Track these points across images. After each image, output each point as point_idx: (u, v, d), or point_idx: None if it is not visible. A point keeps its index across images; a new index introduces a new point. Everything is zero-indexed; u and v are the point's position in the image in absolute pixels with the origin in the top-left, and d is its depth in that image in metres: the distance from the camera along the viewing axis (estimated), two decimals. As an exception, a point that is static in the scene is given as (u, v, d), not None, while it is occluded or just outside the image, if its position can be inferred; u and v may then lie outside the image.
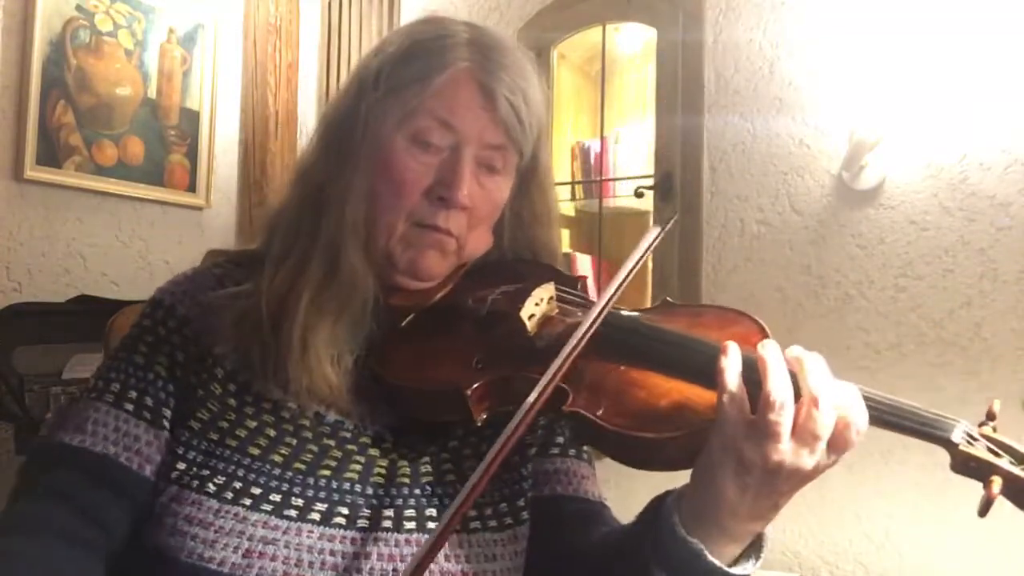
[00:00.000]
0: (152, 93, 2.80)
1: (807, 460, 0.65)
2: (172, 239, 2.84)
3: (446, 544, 0.75)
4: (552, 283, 0.85)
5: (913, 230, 1.87)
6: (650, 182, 2.28)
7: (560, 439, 0.92)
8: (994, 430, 0.68)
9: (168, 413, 0.80)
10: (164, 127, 2.84)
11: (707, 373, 0.67)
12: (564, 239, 2.61)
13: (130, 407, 0.80)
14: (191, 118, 2.91)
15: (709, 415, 0.66)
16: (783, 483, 0.65)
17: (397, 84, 0.83)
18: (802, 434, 0.64)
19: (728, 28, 2.16)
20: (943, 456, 0.66)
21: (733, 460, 0.64)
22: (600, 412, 0.69)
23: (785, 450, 0.63)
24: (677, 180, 2.21)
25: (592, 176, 2.58)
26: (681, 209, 2.21)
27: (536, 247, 0.94)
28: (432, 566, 0.74)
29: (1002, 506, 0.64)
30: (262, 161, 3.06)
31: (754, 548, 0.70)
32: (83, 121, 2.61)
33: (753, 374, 0.64)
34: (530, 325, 0.79)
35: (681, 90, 2.21)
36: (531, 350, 0.77)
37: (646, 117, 2.42)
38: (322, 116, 0.91)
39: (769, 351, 0.65)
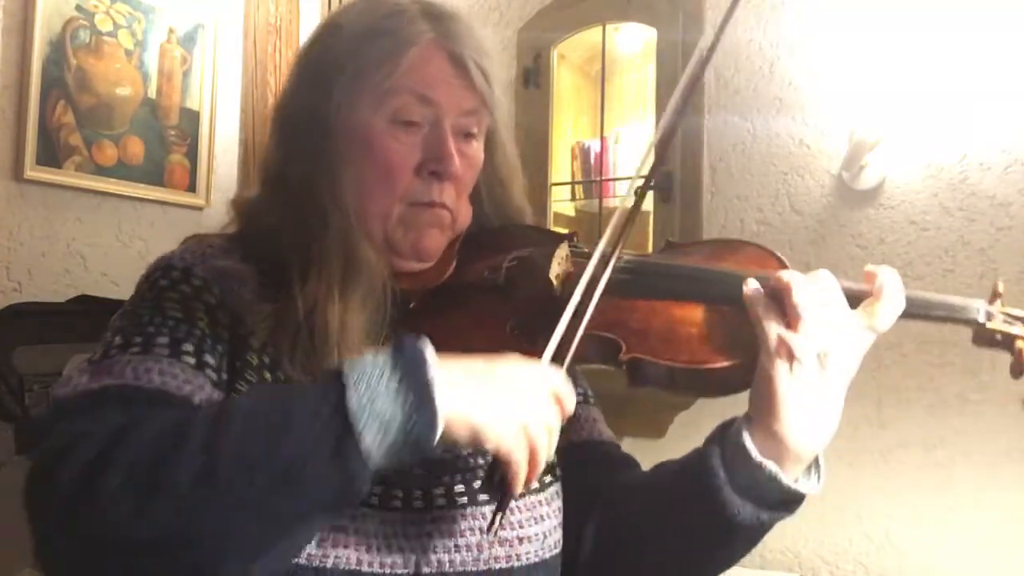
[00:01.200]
0: (152, 93, 2.80)
1: (841, 336, 0.68)
2: (172, 239, 2.80)
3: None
4: (566, 242, 0.87)
5: (913, 230, 1.87)
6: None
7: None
8: (1003, 306, 0.75)
9: (225, 377, 0.74)
10: (164, 127, 2.84)
11: (733, 295, 0.72)
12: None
13: (191, 360, 0.71)
14: (191, 118, 2.91)
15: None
16: (832, 370, 0.68)
17: (365, 67, 0.81)
18: (827, 310, 0.68)
19: (728, 28, 2.16)
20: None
21: (785, 357, 0.67)
22: (660, 352, 0.73)
23: (820, 326, 0.67)
24: (677, 180, 2.21)
25: (592, 176, 2.58)
26: (681, 209, 2.21)
27: (510, 208, 0.95)
28: (491, 537, 0.76)
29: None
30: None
31: (816, 467, 0.74)
32: (83, 121, 2.61)
33: (776, 285, 0.70)
34: (556, 284, 0.82)
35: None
36: (563, 306, 0.77)
37: (646, 117, 2.41)
38: (280, 112, 0.89)
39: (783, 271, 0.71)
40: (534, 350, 0.73)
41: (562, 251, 0.85)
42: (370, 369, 0.60)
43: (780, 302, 0.69)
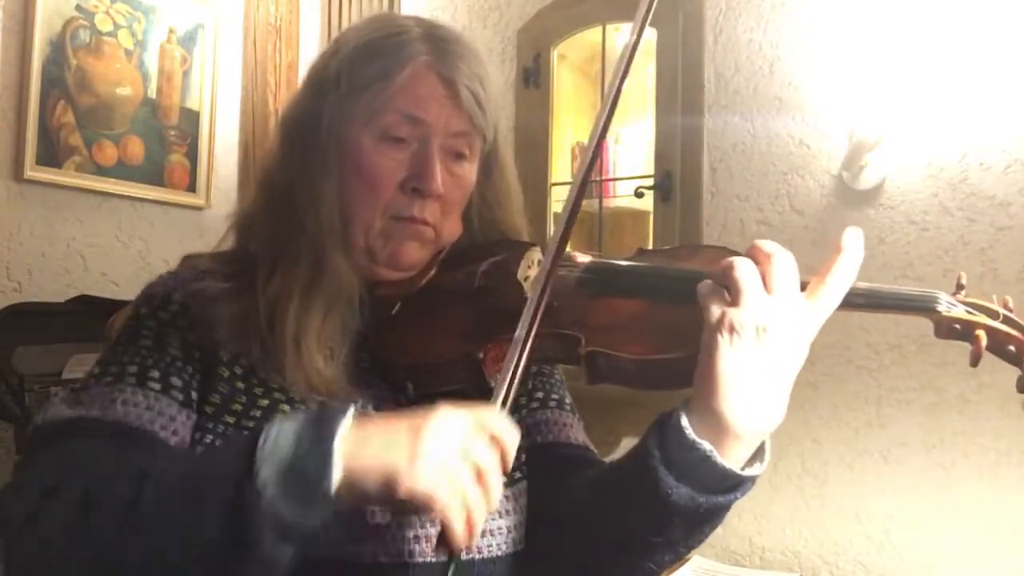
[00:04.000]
0: (152, 93, 2.80)
1: (784, 310, 0.67)
2: (172, 239, 2.84)
3: None
4: (537, 247, 0.91)
5: (913, 230, 1.87)
6: (650, 182, 2.28)
7: (539, 394, 0.95)
8: (965, 297, 0.75)
9: (195, 395, 0.80)
10: (164, 127, 2.84)
11: (691, 293, 0.72)
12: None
13: (156, 386, 0.78)
14: (191, 118, 2.91)
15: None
16: (774, 345, 0.66)
17: (359, 83, 0.85)
18: (770, 284, 0.67)
19: (728, 28, 2.16)
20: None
21: (725, 330, 0.66)
22: (615, 346, 0.75)
23: (760, 300, 0.67)
24: (677, 180, 2.21)
25: (592, 176, 2.57)
26: (681, 209, 2.21)
27: (503, 227, 0.97)
28: None
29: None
30: (262, 161, 3.05)
31: (759, 453, 0.71)
32: (83, 121, 2.61)
33: (722, 267, 0.70)
34: (526, 286, 0.85)
35: (681, 90, 2.21)
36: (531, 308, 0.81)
37: (646, 117, 2.41)
38: (282, 119, 0.94)
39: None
40: (498, 347, 0.77)
41: (532, 255, 0.89)
42: (289, 422, 0.63)
43: (725, 283, 0.69)
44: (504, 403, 0.68)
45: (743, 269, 0.67)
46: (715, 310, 0.68)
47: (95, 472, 0.67)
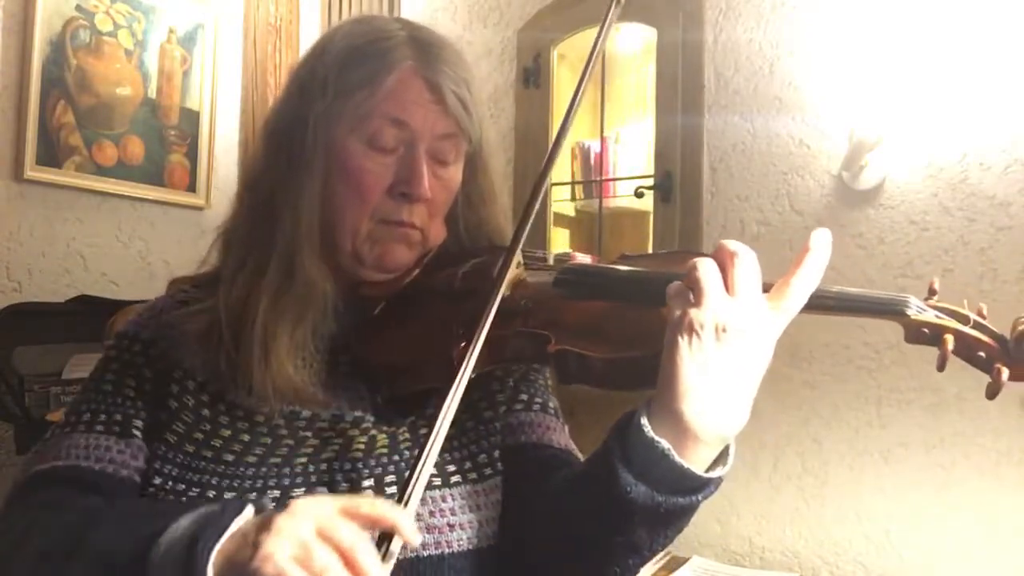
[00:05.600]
0: (152, 93, 2.80)
1: (744, 311, 0.66)
2: (172, 239, 2.84)
3: (429, 500, 0.81)
4: (519, 250, 0.91)
5: (913, 230, 1.87)
6: (650, 182, 2.28)
7: (524, 396, 0.95)
8: (937, 302, 0.73)
9: (139, 424, 0.83)
10: (164, 127, 2.84)
11: (661, 295, 0.71)
12: (564, 239, 2.61)
13: (100, 427, 0.83)
14: (191, 118, 2.91)
15: None
16: (735, 345, 0.66)
17: (345, 89, 0.85)
18: (732, 285, 0.67)
19: (728, 28, 2.16)
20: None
21: (685, 330, 0.66)
22: (583, 345, 0.76)
23: (720, 300, 0.66)
24: (677, 180, 2.21)
25: (592, 176, 2.58)
26: (681, 209, 2.21)
27: (487, 228, 0.98)
28: (417, 522, 0.77)
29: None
30: (262, 161, 3.05)
31: (723, 456, 0.70)
32: (83, 121, 2.61)
33: (689, 268, 0.70)
34: (507, 288, 0.84)
35: (681, 90, 2.21)
36: (509, 310, 0.82)
37: (646, 117, 2.42)
38: (265, 124, 0.94)
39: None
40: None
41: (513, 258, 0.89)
42: (178, 532, 0.65)
43: (688, 283, 0.68)
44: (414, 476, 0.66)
45: (704, 269, 0.67)
46: (677, 310, 0.67)
47: (42, 526, 0.73)
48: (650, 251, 2.23)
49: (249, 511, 0.65)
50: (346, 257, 0.88)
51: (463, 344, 0.79)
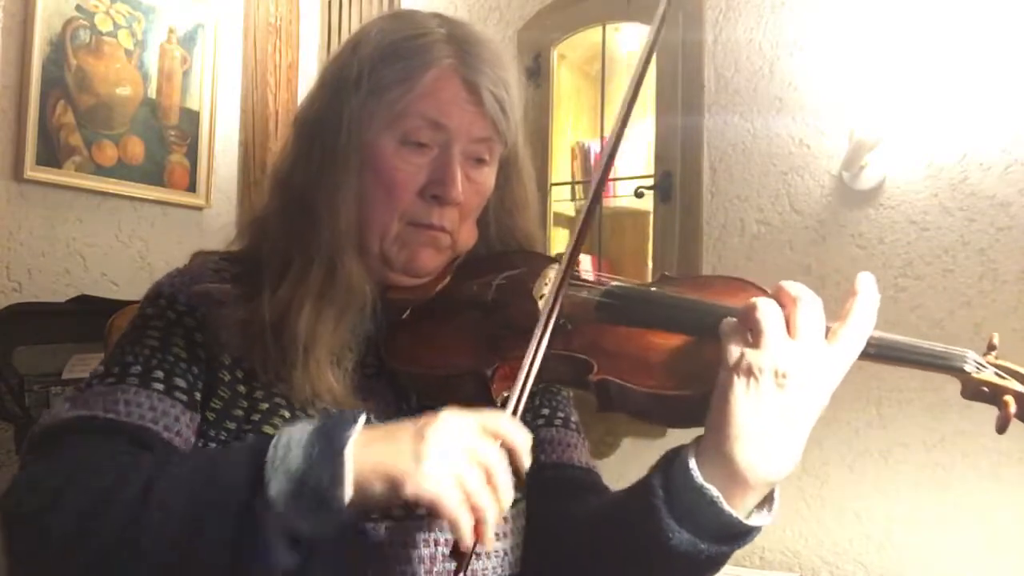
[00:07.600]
0: (152, 93, 2.80)
1: (806, 357, 0.64)
2: (172, 239, 2.84)
3: None
4: (556, 264, 0.87)
5: (913, 230, 1.87)
6: (650, 182, 2.28)
7: (545, 410, 0.93)
8: (996, 359, 0.71)
9: (199, 397, 0.79)
10: (164, 127, 2.84)
11: (714, 329, 0.69)
12: (564, 239, 2.61)
13: (160, 387, 0.77)
14: (191, 118, 2.91)
15: None
16: (793, 392, 0.64)
17: (380, 85, 0.82)
18: (793, 329, 0.65)
19: (728, 28, 2.16)
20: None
21: (743, 372, 0.64)
22: (628, 376, 0.72)
23: (782, 344, 0.64)
24: (677, 180, 2.21)
25: (592, 176, 2.57)
26: (681, 209, 2.21)
27: (519, 234, 0.95)
28: (437, 550, 0.76)
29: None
30: (262, 161, 3.05)
31: (767, 502, 0.69)
32: (83, 121, 2.61)
33: (745, 307, 0.68)
34: (541, 304, 0.81)
35: (681, 90, 2.21)
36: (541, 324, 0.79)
37: (646, 117, 2.41)
38: (297, 119, 0.91)
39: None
40: (508, 366, 0.75)
41: (550, 271, 0.85)
42: (297, 432, 0.63)
43: (747, 323, 0.66)
44: (515, 411, 0.66)
45: (766, 311, 0.65)
46: (734, 350, 0.65)
47: (101, 474, 0.67)
48: (678, 266, 2.21)
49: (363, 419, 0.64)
50: (374, 259, 0.85)
51: (501, 364, 0.76)
